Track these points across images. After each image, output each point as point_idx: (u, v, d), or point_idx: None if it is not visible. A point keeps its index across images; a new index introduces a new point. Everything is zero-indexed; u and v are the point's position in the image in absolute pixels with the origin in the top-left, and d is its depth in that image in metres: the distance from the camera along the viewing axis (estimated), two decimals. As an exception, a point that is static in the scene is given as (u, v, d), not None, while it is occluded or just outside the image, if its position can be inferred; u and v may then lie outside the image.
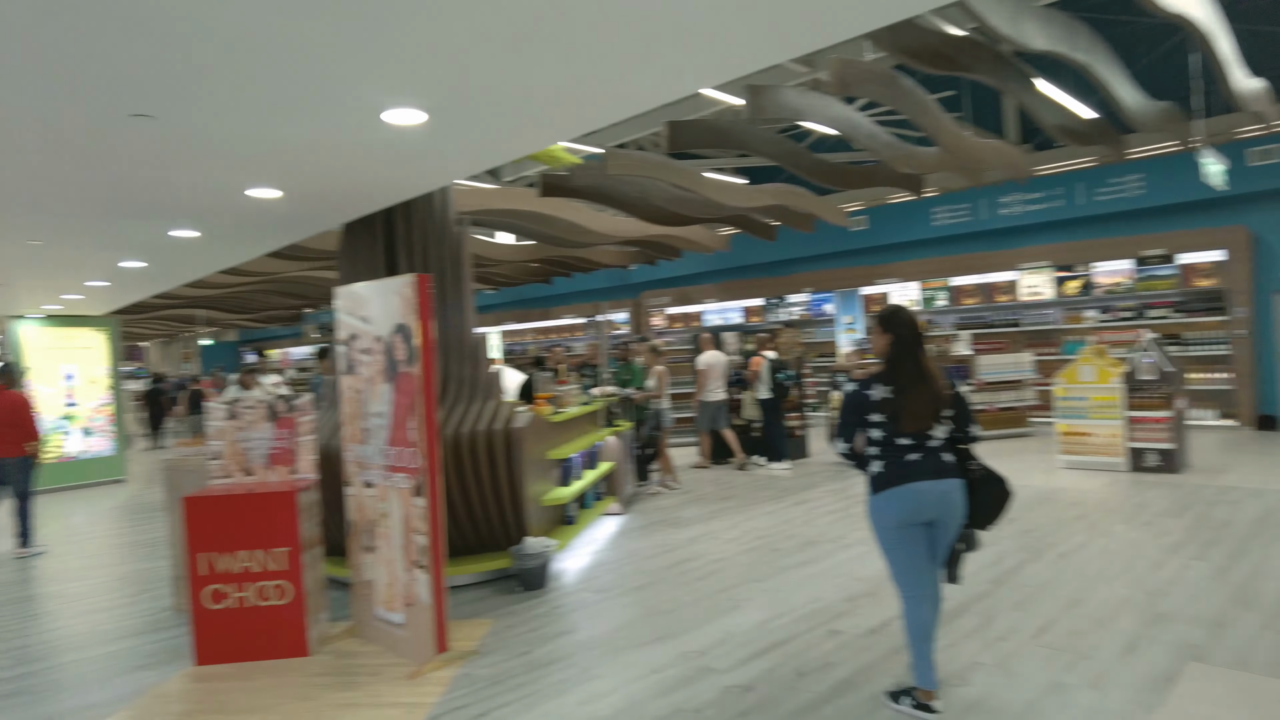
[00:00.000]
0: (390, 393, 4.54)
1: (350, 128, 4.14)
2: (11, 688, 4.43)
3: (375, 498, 4.70)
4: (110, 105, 3.56)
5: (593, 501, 7.48)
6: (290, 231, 6.98)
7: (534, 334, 21.96)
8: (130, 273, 8.82)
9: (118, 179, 4.79)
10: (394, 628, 4.59)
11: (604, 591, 5.54)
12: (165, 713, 3.97)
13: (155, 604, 5.81)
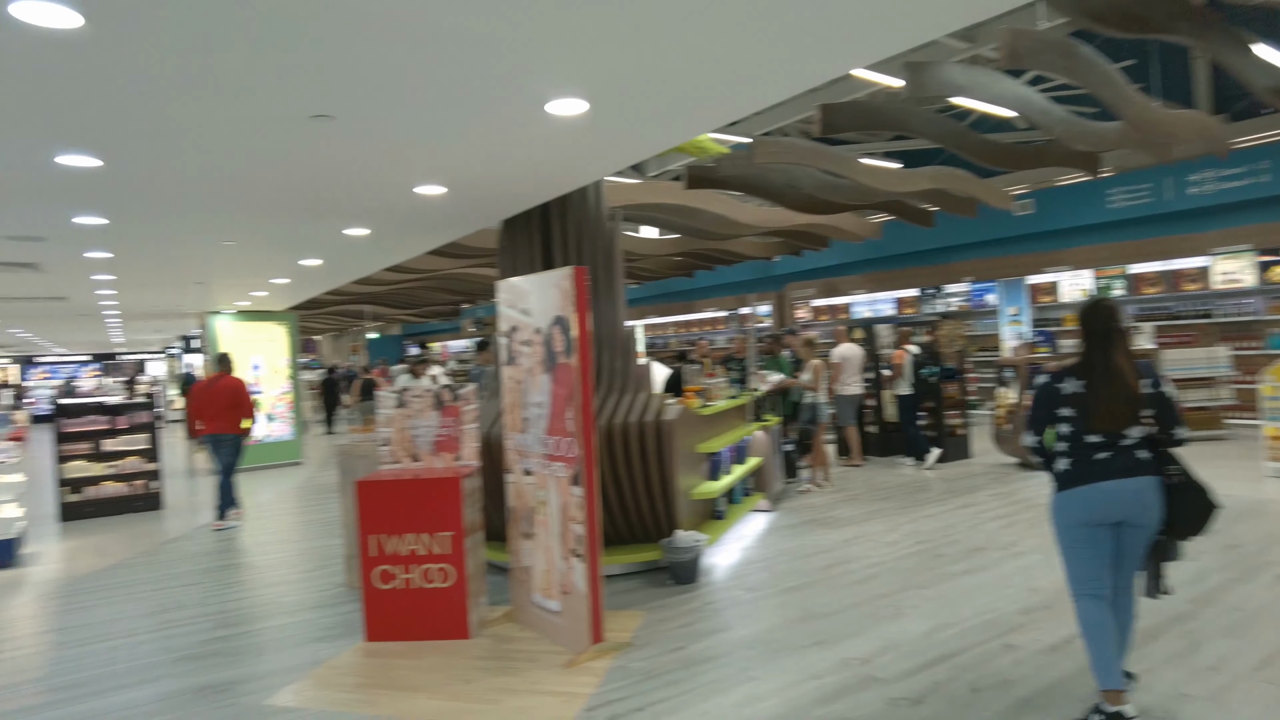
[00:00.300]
0: (549, 383, 4.59)
1: (515, 121, 4.20)
2: (212, 649, 4.83)
3: (534, 485, 4.78)
4: (292, 107, 3.77)
5: (741, 497, 7.35)
6: (452, 228, 7.25)
7: (675, 328, 22.01)
8: (308, 270, 9.50)
9: (299, 180, 5.11)
10: (551, 615, 4.65)
11: (756, 590, 5.40)
12: (339, 684, 4.20)
13: (330, 580, 6.20)
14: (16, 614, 5.82)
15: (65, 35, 2.75)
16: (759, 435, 7.89)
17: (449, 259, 12.19)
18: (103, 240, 6.64)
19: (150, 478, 9.85)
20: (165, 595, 6.03)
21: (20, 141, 3.89)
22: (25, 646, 5.08)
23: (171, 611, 5.62)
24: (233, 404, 8.39)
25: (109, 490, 9.61)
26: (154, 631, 5.21)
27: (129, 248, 7.11)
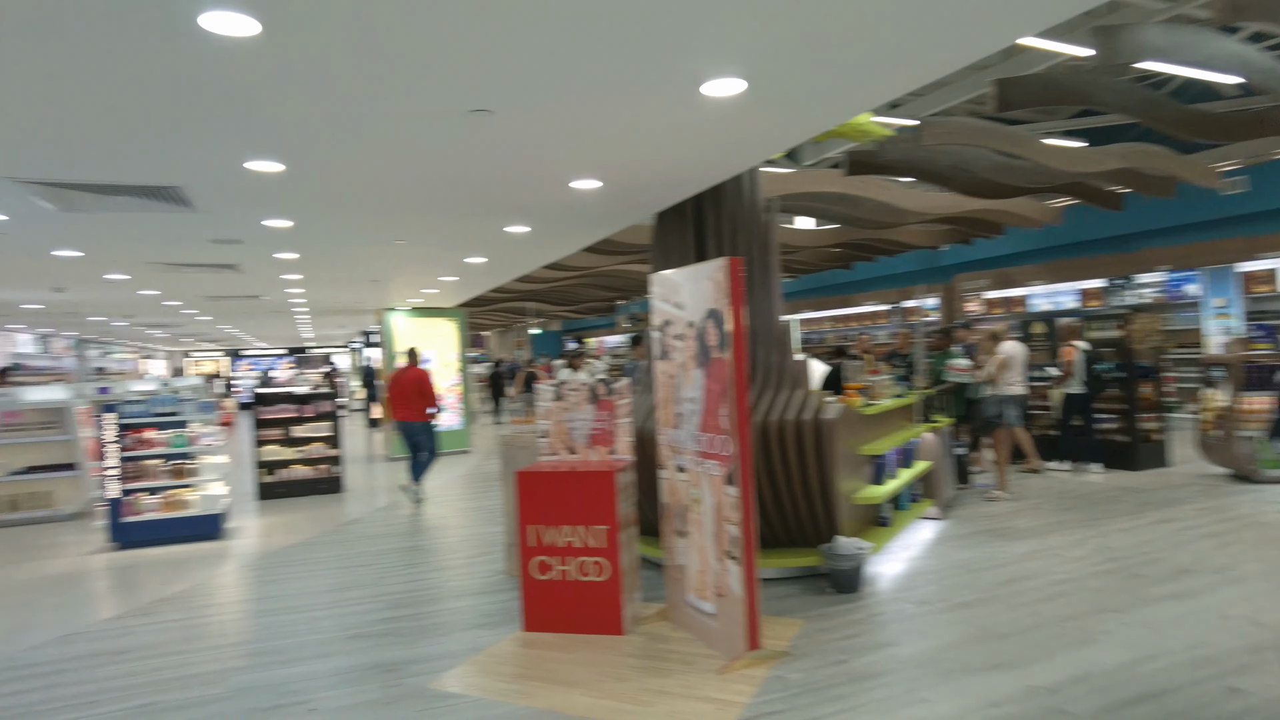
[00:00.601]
0: (702, 378, 4.46)
1: (669, 106, 4.10)
2: (382, 628, 5.08)
3: (688, 482, 4.67)
4: (452, 102, 3.84)
5: (908, 503, 6.92)
6: (607, 223, 7.29)
7: (831, 322, 21.31)
8: (473, 268, 9.90)
9: (461, 177, 5.26)
10: (705, 617, 4.53)
11: (926, 604, 5.03)
12: (498, 673, 4.27)
13: (491, 567, 6.39)
14: (222, 581, 6.40)
15: (245, 43, 2.91)
16: (928, 437, 7.41)
17: (604, 255, 12.35)
18: (290, 242, 7.18)
19: (332, 463, 10.63)
20: (344, 574, 6.44)
21: (215, 148, 4.22)
22: (228, 613, 5.56)
23: (349, 590, 5.98)
24: (419, 393, 9.14)
25: (298, 473, 10.47)
26: (333, 608, 5.55)
27: (312, 248, 7.66)
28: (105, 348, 24.49)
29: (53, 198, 4.99)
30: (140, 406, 8.19)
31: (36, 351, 18.81)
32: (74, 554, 7.81)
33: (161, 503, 8.05)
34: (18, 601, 6.15)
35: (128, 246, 6.99)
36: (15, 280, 8.94)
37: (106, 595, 6.24)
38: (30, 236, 6.27)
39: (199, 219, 5.86)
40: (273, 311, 15.66)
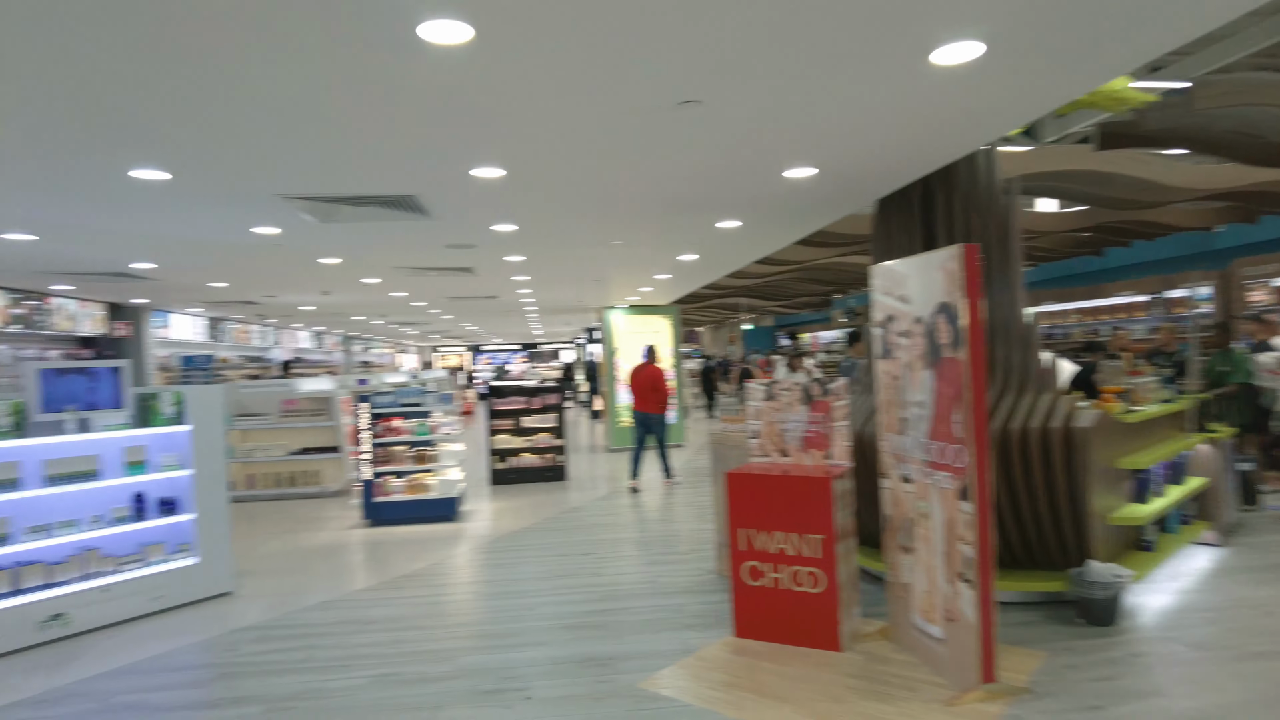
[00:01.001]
0: (931, 380, 4.08)
1: (894, 78, 3.77)
2: (594, 620, 5.18)
3: (914, 494, 4.30)
4: (660, 95, 3.78)
5: (1177, 526, 5.97)
6: (822, 214, 6.97)
7: (1079, 315, 19.14)
8: (686, 266, 9.94)
9: (669, 174, 5.22)
10: (932, 641, 4.14)
11: (1204, 649, 4.27)
12: (707, 679, 4.18)
13: (701, 565, 6.33)
14: (456, 562, 6.89)
15: (459, 51, 3.02)
16: (1203, 449, 6.35)
17: (817, 248, 11.92)
18: (516, 245, 7.58)
19: (558, 452, 11.16)
20: (563, 561, 6.68)
21: (441, 157, 4.49)
22: (460, 593, 5.95)
23: (567, 578, 6.19)
24: (654, 387, 9.91)
25: (526, 461, 11.11)
26: (551, 595, 5.76)
27: (537, 250, 8.04)
28: (366, 343, 27.68)
29: (313, 211, 5.59)
30: (389, 398, 9.04)
31: (311, 347, 21.65)
32: (336, 527, 8.80)
33: (406, 485, 8.84)
34: (296, 566, 7.00)
35: (377, 253, 7.73)
36: (292, 285, 10.24)
37: (360, 567, 6.94)
38: (300, 247, 7.11)
39: (435, 225, 6.32)
40: (506, 310, 16.79)
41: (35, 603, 5.26)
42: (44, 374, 5.47)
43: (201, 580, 6.10)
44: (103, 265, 7.78)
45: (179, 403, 6.10)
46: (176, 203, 5.19)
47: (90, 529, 5.64)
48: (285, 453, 11.07)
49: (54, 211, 5.35)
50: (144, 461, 5.92)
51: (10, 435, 5.25)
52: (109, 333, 11.38)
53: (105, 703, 4.25)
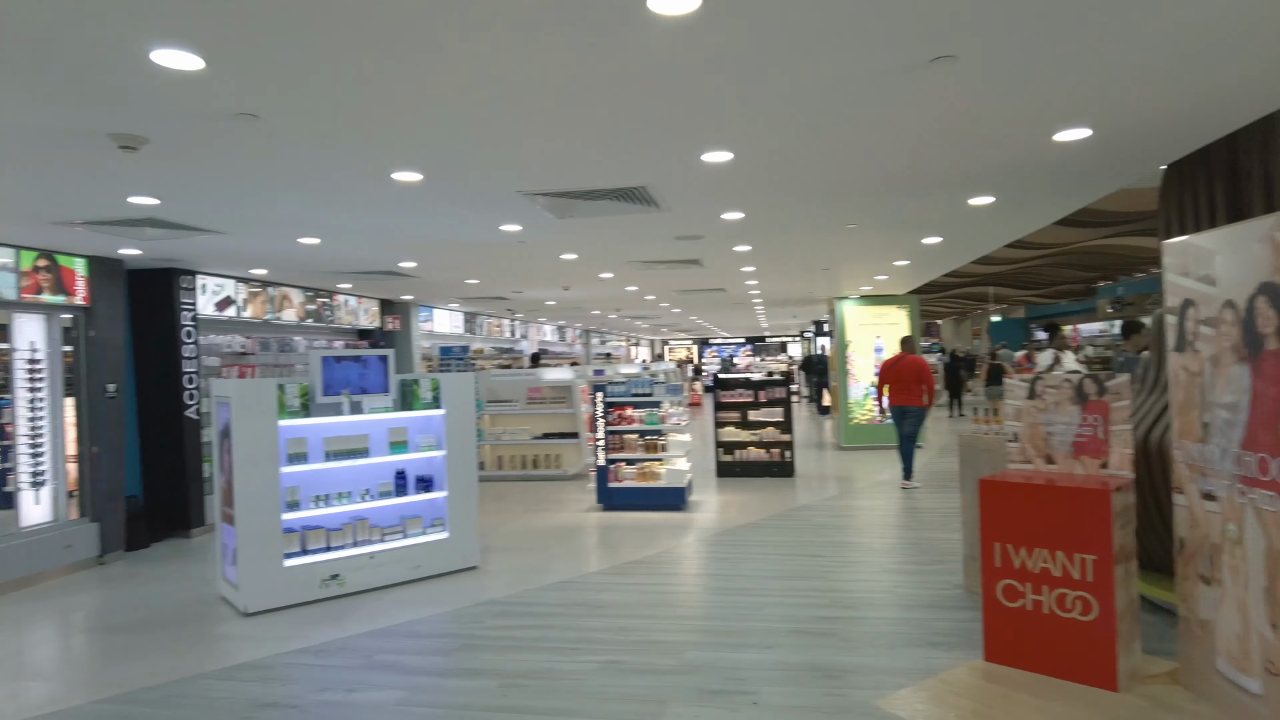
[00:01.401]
0: (1247, 377, 3.34)
1: (1203, 10, 3.11)
2: (825, 627, 4.89)
3: (1219, 515, 3.57)
4: (905, 53, 3.40)
5: None
6: (1092, 185, 6.08)
7: None
8: (928, 250, 9.21)
9: (915, 145, 4.76)
10: (1245, 696, 3.41)
11: None
12: (953, 706, 3.75)
13: (945, 578, 5.79)
14: (684, 552, 6.88)
15: (686, 21, 2.87)
16: None
17: (1080, 229, 10.56)
18: (743, 234, 7.41)
19: (785, 448, 10.87)
20: (791, 561, 6.43)
21: (670, 143, 4.41)
22: (687, 584, 5.92)
23: (795, 579, 5.94)
24: (916, 379, 9.48)
25: (752, 455, 10.94)
26: (779, 596, 5.54)
27: (763, 239, 7.82)
28: (604, 336, 28.98)
29: (551, 207, 5.80)
30: (622, 388, 9.27)
31: (555, 339, 23.03)
32: (573, 509, 9.18)
33: (637, 473, 9.02)
34: (535, 545, 7.38)
35: (611, 247, 7.93)
36: (537, 281, 10.85)
37: (593, 550, 7.15)
38: (541, 243, 7.47)
39: (664, 217, 6.32)
40: (733, 303, 16.73)
41: (318, 563, 5.95)
42: (325, 361, 6.16)
43: (452, 554, 6.59)
44: (374, 265, 8.69)
45: (435, 389, 6.62)
46: (430, 203, 5.60)
47: (360, 501, 6.29)
48: (530, 437, 11.80)
49: (332, 216, 6.01)
50: (405, 442, 6.50)
51: (299, 415, 5.97)
52: (382, 326, 12.78)
53: (369, 659, 4.68)
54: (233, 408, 5.73)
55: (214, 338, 9.38)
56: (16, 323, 6.95)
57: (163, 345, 8.49)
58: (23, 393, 6.96)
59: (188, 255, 7.71)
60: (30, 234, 6.28)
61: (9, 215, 5.54)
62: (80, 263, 7.37)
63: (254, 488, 5.72)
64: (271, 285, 10.06)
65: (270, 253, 7.68)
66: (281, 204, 5.50)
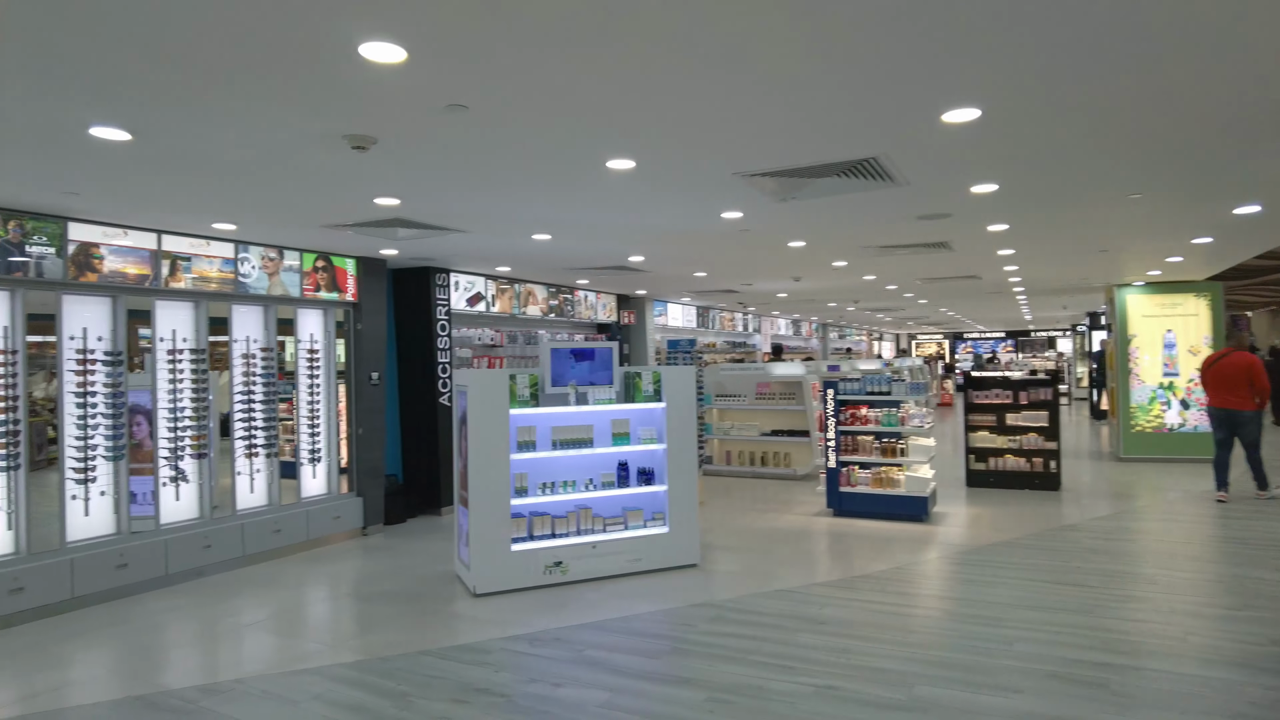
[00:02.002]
0: None
1: None
2: (1092, 675, 4.08)
3: None
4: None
5: None
6: None
7: None
8: (1241, 224, 7.57)
9: (1232, 75, 3.78)
10: None
11: None
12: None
13: (1259, 630, 4.64)
14: (921, 570, 6.21)
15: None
16: None
17: None
18: (997, 210, 6.50)
19: (1049, 457, 9.58)
20: (1050, 590, 5.53)
21: (907, 99, 3.85)
22: (922, 607, 5.30)
23: (1054, 612, 5.08)
24: (1247, 379, 8.48)
25: (1009, 464, 9.76)
26: (1034, 630, 4.76)
27: (1023, 216, 6.82)
28: (842, 330, 27.81)
29: (770, 189, 5.42)
30: (856, 385, 8.64)
31: (789, 333, 22.43)
32: (800, 512, 8.73)
33: (871, 478, 8.36)
34: (757, 547, 7.06)
35: (842, 232, 7.36)
36: (765, 271, 10.48)
37: (819, 558, 6.68)
38: (765, 230, 7.10)
39: (902, 193, 5.68)
40: (989, 292, 15.16)
41: (543, 549, 6.07)
42: (554, 353, 6.28)
43: (670, 549, 6.46)
44: (605, 259, 8.83)
45: (657, 381, 6.52)
46: (646, 192, 5.46)
47: (584, 490, 6.34)
48: (758, 433, 11.48)
49: (556, 211, 6.10)
50: (627, 434, 6.46)
51: (529, 404, 6.13)
52: (618, 320, 13.10)
53: (578, 653, 4.64)
54: (469, 396, 6.00)
55: (466, 331, 10.08)
56: (300, 317, 7.88)
57: (419, 337, 9.24)
58: (304, 379, 7.88)
59: (440, 254, 8.30)
60: (308, 237, 7.05)
61: (286, 220, 6.22)
62: (351, 263, 8.20)
63: (486, 473, 5.95)
64: (517, 282, 10.63)
65: (509, 250, 8.04)
66: (506, 199, 5.65)
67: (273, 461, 7.44)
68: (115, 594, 6.03)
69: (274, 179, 4.87)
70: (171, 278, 6.58)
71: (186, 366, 6.75)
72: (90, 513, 6.05)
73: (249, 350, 7.31)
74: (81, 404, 6.02)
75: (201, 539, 6.64)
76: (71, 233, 5.92)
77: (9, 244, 5.59)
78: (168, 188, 5.04)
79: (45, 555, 5.71)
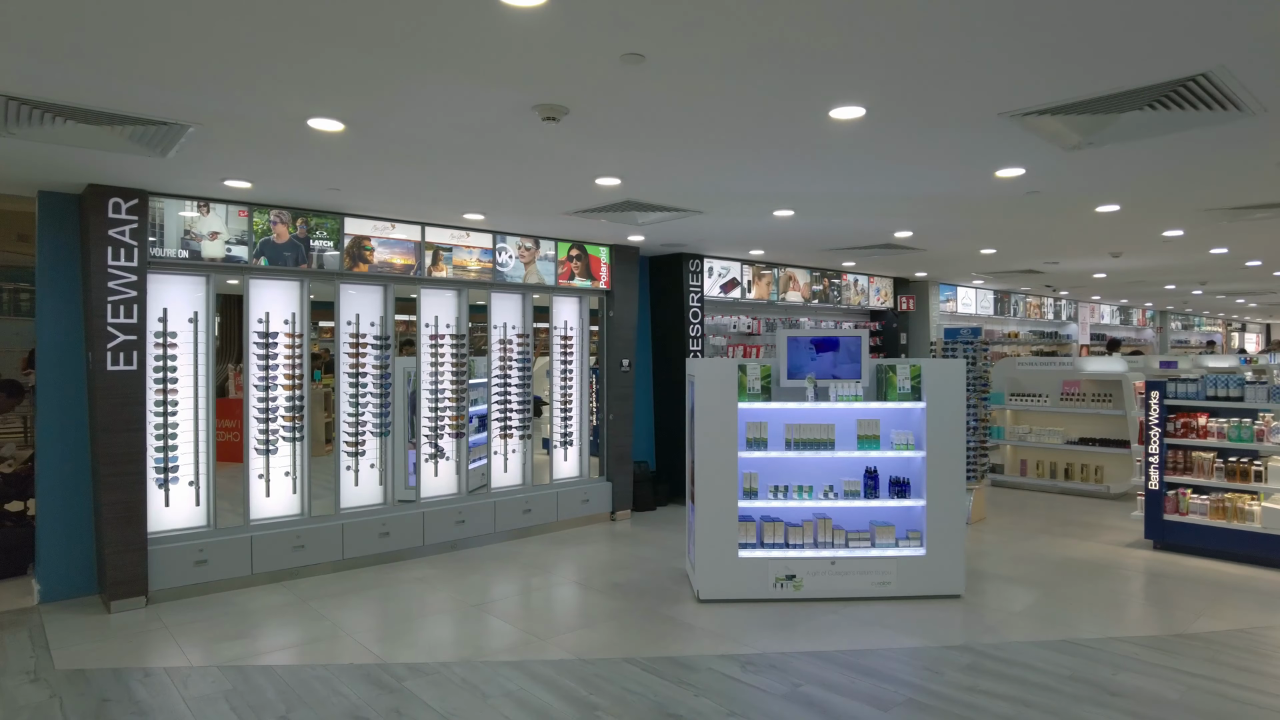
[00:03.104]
0: None
1: None
2: None
3: None
4: None
5: None
6: None
7: None
8: None
9: None
10: None
11: None
12: None
13: None
14: (1275, 637, 4.64)
15: None
16: None
17: None
18: None
19: None
20: None
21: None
22: (1268, 688, 3.89)
23: None
24: None
25: None
26: None
27: None
28: (1188, 318, 23.09)
29: (1056, 132, 4.24)
30: (1193, 387, 6.84)
31: (1113, 322, 19.03)
32: (1108, 540, 7.14)
33: (1210, 506, 6.56)
34: (1047, 580, 5.82)
35: (1169, 189, 5.76)
36: (1070, 246, 8.75)
37: (1128, 603, 5.30)
38: (1058, 191, 5.76)
39: (1257, 126, 4.17)
40: None
41: (773, 559, 5.48)
42: (790, 342, 5.64)
43: (926, 575, 5.51)
44: (866, 237, 7.88)
45: (916, 377, 5.59)
46: (889, 147, 4.56)
47: (823, 498, 5.62)
48: (1062, 440, 9.72)
49: (785, 180, 5.41)
50: (877, 436, 5.61)
51: (759, 398, 5.55)
52: (895, 306, 11.89)
53: (793, 688, 4.01)
54: (696, 387, 5.59)
55: (721, 318, 9.71)
56: (555, 305, 8.01)
57: (672, 324, 9.03)
58: (557, 364, 8.01)
59: (689, 239, 7.98)
60: (560, 226, 7.07)
61: (520, 208, 6.24)
62: (604, 251, 8.18)
63: (711, 470, 5.50)
64: (776, 266, 10.02)
65: (756, 231, 7.47)
66: (725, 170, 5.08)
67: (527, 443, 7.65)
68: (379, 559, 6.53)
69: (491, 163, 4.80)
70: (434, 267, 6.96)
71: (448, 350, 7.12)
72: (359, 483, 6.60)
73: (506, 336, 7.56)
74: (354, 383, 6.58)
75: (456, 514, 6.98)
76: (347, 227, 6.47)
77: (297, 239, 6.23)
78: (399, 177, 5.20)
79: (324, 519, 6.32)
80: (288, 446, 6.27)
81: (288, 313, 6.28)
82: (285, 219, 6.19)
